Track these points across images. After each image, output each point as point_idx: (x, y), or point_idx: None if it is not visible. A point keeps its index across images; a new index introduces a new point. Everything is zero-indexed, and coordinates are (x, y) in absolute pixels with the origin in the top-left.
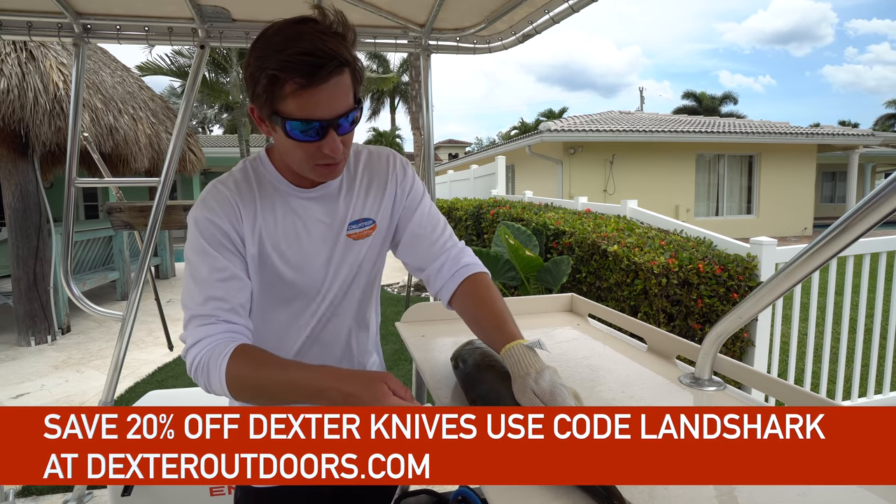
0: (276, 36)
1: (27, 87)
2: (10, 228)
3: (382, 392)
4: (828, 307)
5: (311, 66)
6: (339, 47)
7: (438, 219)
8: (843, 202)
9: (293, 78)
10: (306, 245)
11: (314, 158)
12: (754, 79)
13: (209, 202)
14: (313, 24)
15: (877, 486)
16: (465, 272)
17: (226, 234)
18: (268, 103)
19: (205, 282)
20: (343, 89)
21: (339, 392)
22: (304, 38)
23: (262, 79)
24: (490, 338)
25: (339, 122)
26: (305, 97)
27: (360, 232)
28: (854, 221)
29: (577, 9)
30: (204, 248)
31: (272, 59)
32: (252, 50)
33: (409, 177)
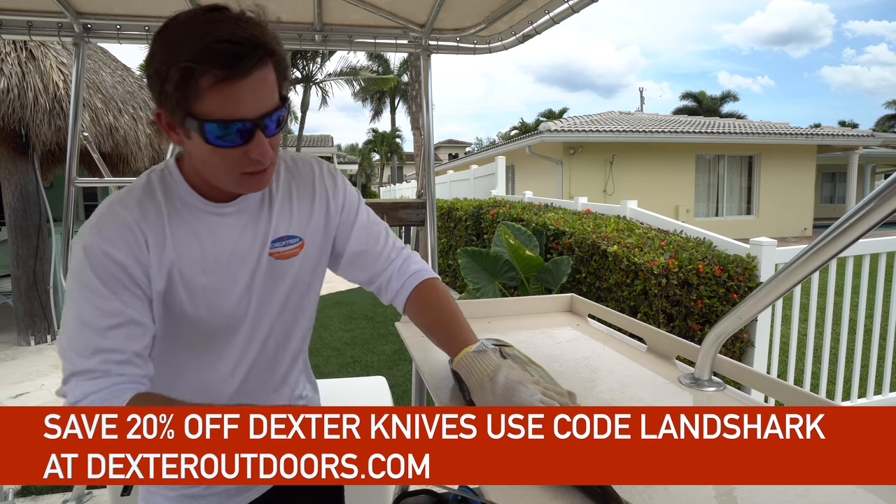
0: (187, 24)
1: (27, 87)
2: (10, 228)
3: None
4: (827, 308)
5: (232, 56)
6: (261, 34)
7: (378, 227)
8: (843, 203)
9: (211, 69)
10: (224, 271)
11: (239, 166)
12: (753, 79)
13: (105, 229)
14: (228, 12)
15: (877, 486)
16: (413, 281)
17: (125, 271)
18: (180, 104)
19: (92, 328)
20: (268, 84)
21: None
22: (219, 25)
23: (172, 74)
24: (444, 348)
25: (266, 123)
26: (226, 92)
27: (285, 251)
28: (854, 222)
29: (577, 9)
30: (93, 286)
31: (184, 49)
32: (157, 42)
33: (340, 186)
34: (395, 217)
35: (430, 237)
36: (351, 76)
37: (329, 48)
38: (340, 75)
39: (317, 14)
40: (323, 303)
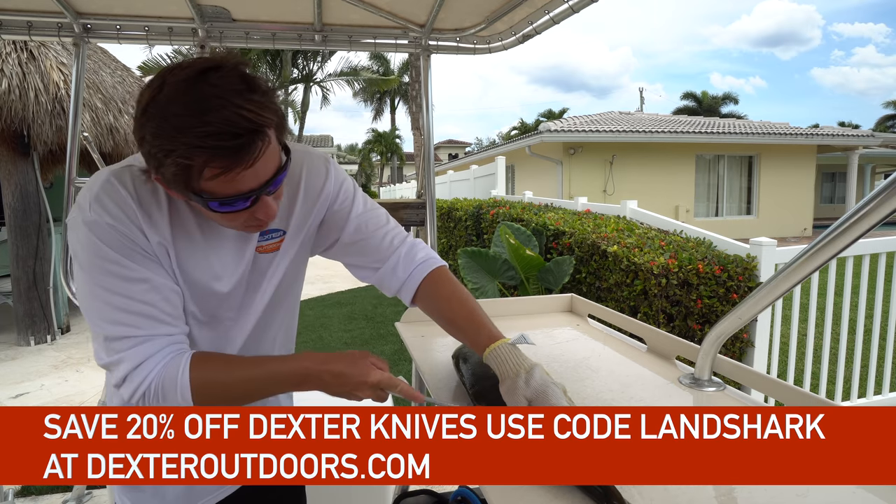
0: (174, 105)
1: (28, 87)
2: (10, 228)
3: (368, 367)
4: (827, 308)
5: (233, 149)
6: (260, 108)
7: (379, 214)
8: (843, 203)
9: (210, 165)
10: (214, 266)
11: (245, 222)
12: (745, 80)
13: (106, 203)
14: (218, 78)
15: (877, 486)
16: (423, 269)
17: (133, 241)
18: (181, 187)
19: (121, 295)
20: (272, 155)
21: (328, 373)
22: (212, 105)
23: (167, 164)
24: (469, 339)
25: (271, 187)
26: (229, 179)
27: (268, 245)
28: (854, 222)
29: (577, 9)
30: (109, 256)
31: (176, 140)
32: (144, 119)
33: (333, 176)
34: (395, 217)
35: (430, 237)
36: (352, 76)
37: (329, 48)
38: (341, 75)
39: (317, 14)
40: (323, 303)
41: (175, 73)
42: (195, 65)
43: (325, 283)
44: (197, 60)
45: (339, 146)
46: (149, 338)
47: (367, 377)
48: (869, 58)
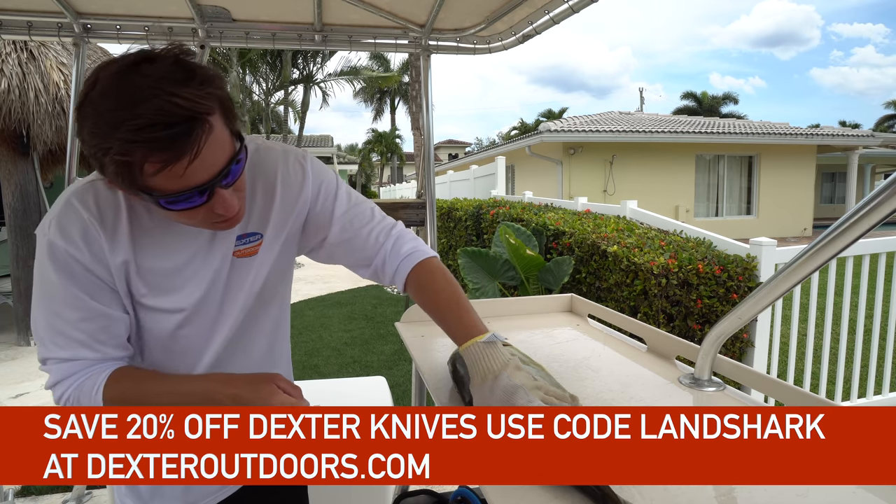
0: (106, 100)
1: (28, 87)
2: (10, 228)
3: (269, 391)
4: (827, 308)
5: (169, 140)
6: (197, 96)
7: (363, 210)
8: (843, 203)
9: (149, 159)
10: (187, 272)
11: (205, 219)
12: (744, 80)
13: (66, 227)
14: (152, 70)
15: (877, 486)
16: (408, 263)
17: (88, 269)
18: (126, 184)
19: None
20: (219, 143)
21: (226, 396)
22: (143, 96)
23: (107, 163)
24: (449, 332)
25: (223, 178)
26: (174, 172)
27: (247, 249)
28: (854, 222)
29: (577, 9)
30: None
31: (111, 137)
32: (80, 118)
33: (311, 175)
34: (395, 217)
35: (430, 237)
36: (352, 76)
37: (329, 48)
38: (341, 75)
39: (317, 14)
40: (323, 303)
41: (108, 66)
42: (129, 57)
43: (325, 283)
44: (132, 53)
45: (339, 146)
46: (72, 360)
47: (268, 402)
48: (868, 58)
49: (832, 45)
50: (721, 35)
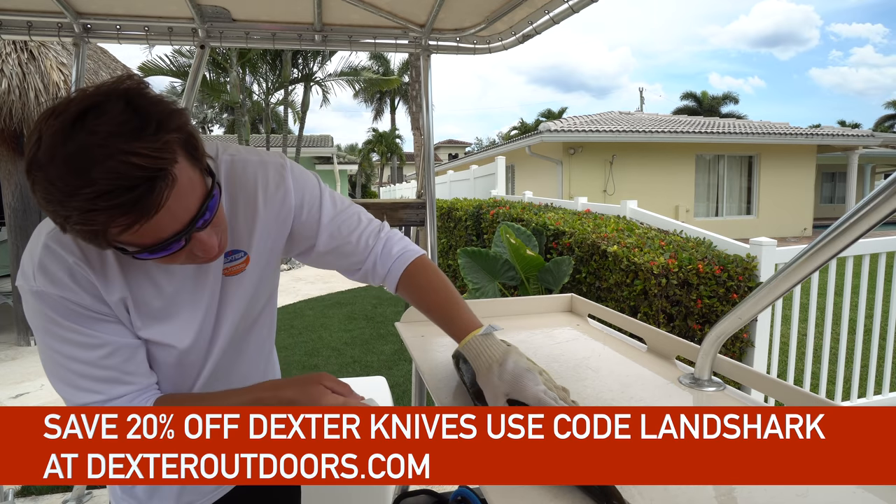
0: (54, 165)
1: (28, 87)
2: (10, 228)
3: (319, 392)
4: (827, 308)
5: (130, 203)
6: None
7: (350, 215)
8: (843, 203)
9: (112, 224)
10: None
11: (187, 259)
12: (744, 80)
13: (52, 273)
14: (100, 123)
15: (877, 486)
16: (400, 264)
17: (87, 308)
18: (96, 245)
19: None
20: (187, 190)
21: (280, 402)
22: (96, 158)
23: (69, 230)
24: (446, 330)
25: (199, 222)
26: (141, 230)
27: (233, 267)
28: (854, 222)
29: (577, 9)
30: (66, 326)
31: (67, 205)
32: (30, 181)
33: (293, 187)
34: (395, 217)
35: (430, 237)
36: (352, 76)
37: (329, 48)
38: (341, 75)
39: (317, 14)
40: (323, 303)
41: (50, 122)
42: (70, 108)
43: (325, 283)
44: (73, 100)
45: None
46: (110, 399)
47: (319, 403)
48: (867, 58)
49: (831, 45)
50: (720, 35)
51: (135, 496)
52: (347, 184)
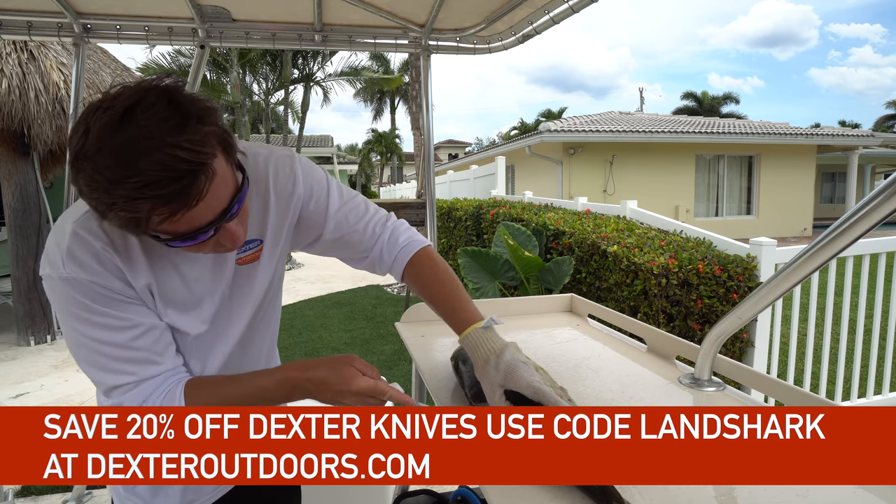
0: (103, 156)
1: (28, 87)
2: (10, 228)
3: (351, 374)
4: (827, 308)
5: (175, 194)
6: (197, 143)
7: (357, 204)
8: (843, 203)
9: (156, 212)
10: (201, 287)
11: (212, 249)
12: (743, 80)
13: (80, 258)
14: (145, 116)
15: (877, 486)
16: (406, 253)
17: (116, 291)
18: (134, 232)
19: (114, 345)
20: (222, 183)
21: (310, 381)
22: (143, 150)
23: (111, 216)
24: (447, 321)
25: (230, 213)
26: (181, 219)
27: (248, 255)
28: (854, 222)
29: (577, 9)
30: (95, 309)
31: (113, 193)
32: (75, 171)
33: (301, 177)
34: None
35: (430, 237)
36: (353, 76)
37: (329, 48)
38: (342, 75)
39: (317, 14)
40: (323, 303)
41: (98, 116)
42: (117, 103)
43: (325, 283)
44: (119, 96)
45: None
46: (144, 380)
47: (350, 385)
48: (866, 58)
49: (830, 45)
50: (719, 35)
51: (138, 495)
52: (347, 184)
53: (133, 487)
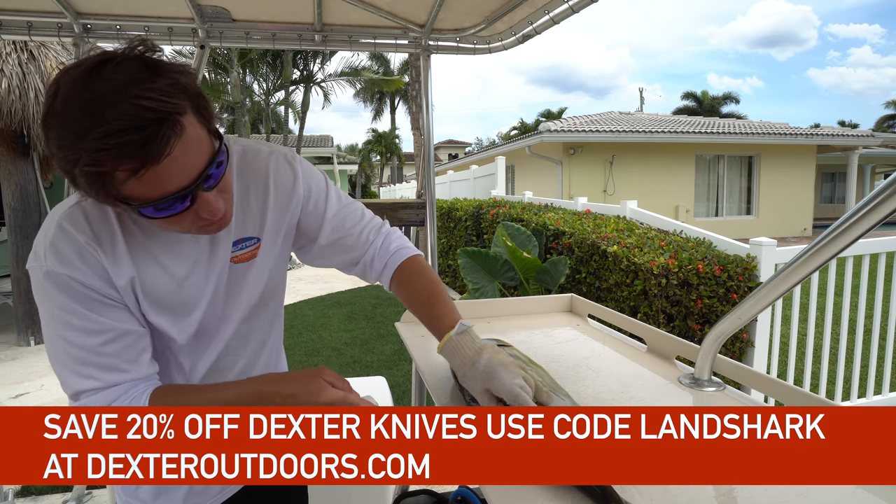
0: (69, 109)
1: (28, 87)
2: (10, 228)
3: (319, 386)
4: (827, 308)
5: (139, 144)
6: (166, 95)
7: (353, 210)
8: (843, 203)
9: (120, 166)
10: (188, 284)
11: (192, 224)
12: (742, 80)
13: (62, 252)
14: (115, 72)
15: (877, 486)
16: (396, 260)
17: (95, 290)
18: (101, 195)
19: (84, 349)
20: (194, 144)
21: (277, 395)
22: (109, 101)
23: (78, 175)
24: (431, 331)
25: (205, 181)
26: (147, 178)
27: (244, 254)
28: (854, 222)
29: (576, 9)
30: (70, 309)
31: (77, 147)
32: (45, 131)
33: (302, 177)
34: (395, 217)
35: (430, 237)
36: (353, 76)
37: (329, 48)
38: (342, 76)
39: (317, 14)
40: (323, 303)
41: (69, 72)
42: (88, 60)
43: (325, 283)
44: (92, 56)
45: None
46: (109, 385)
47: (318, 397)
48: (865, 58)
49: (829, 45)
50: (718, 36)
51: (140, 499)
52: (347, 184)
53: (135, 491)
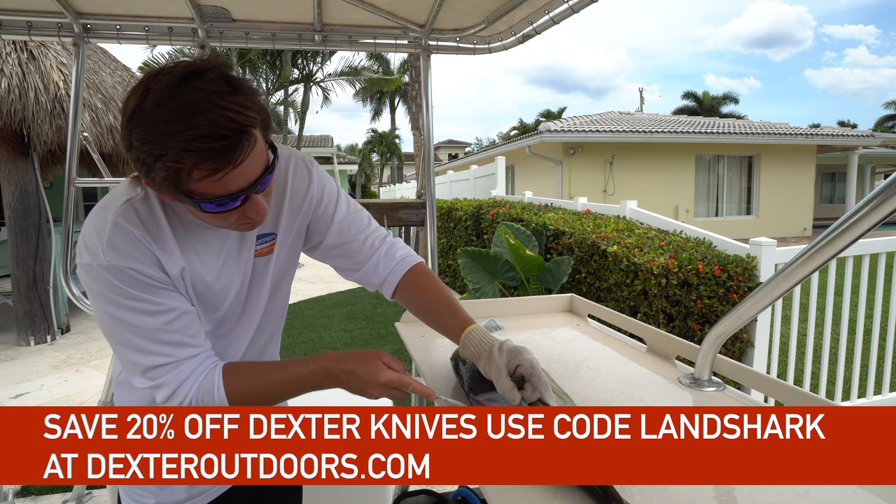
0: (160, 110)
1: (28, 87)
2: (10, 228)
3: (378, 367)
4: (827, 308)
5: (221, 151)
6: (244, 109)
7: (361, 217)
8: (843, 203)
9: (199, 167)
10: (223, 276)
11: (237, 221)
12: (740, 80)
13: (120, 246)
14: (202, 83)
15: (877, 486)
16: (403, 266)
17: (153, 278)
18: (170, 189)
19: (151, 329)
20: (258, 153)
21: (342, 371)
22: (198, 109)
23: (157, 168)
24: (445, 325)
25: (260, 185)
26: (219, 180)
27: (263, 248)
28: (854, 222)
29: (576, 9)
30: (134, 296)
31: (164, 145)
32: (130, 126)
33: (316, 179)
34: (395, 217)
35: (430, 237)
36: (352, 76)
37: (329, 48)
38: (342, 75)
39: (317, 14)
40: (323, 303)
41: (159, 79)
42: (178, 69)
43: (325, 283)
44: (179, 65)
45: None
46: (181, 361)
47: (377, 377)
48: (861, 59)
49: (825, 46)
50: (715, 37)
51: (145, 486)
52: (347, 184)
53: (138, 487)
